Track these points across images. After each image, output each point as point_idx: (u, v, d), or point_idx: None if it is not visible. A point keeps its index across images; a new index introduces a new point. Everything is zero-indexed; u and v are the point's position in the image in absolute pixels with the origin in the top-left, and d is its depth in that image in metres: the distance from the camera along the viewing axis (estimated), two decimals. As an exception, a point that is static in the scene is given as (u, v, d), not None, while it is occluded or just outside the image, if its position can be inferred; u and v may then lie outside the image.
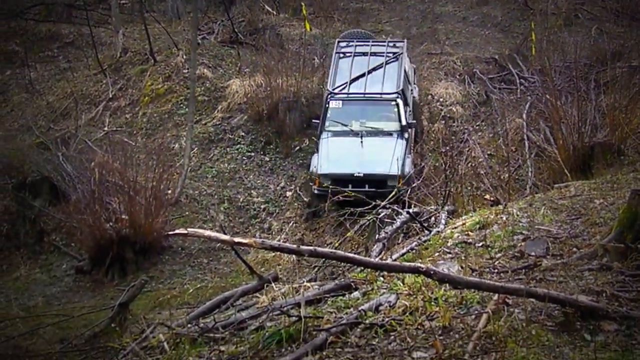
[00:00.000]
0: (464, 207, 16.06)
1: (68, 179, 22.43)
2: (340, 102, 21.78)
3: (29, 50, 32.22)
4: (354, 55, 23.41)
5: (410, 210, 14.78)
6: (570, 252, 9.85)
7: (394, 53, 23.37)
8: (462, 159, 22.19)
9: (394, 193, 16.89)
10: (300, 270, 14.49)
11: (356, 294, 9.23)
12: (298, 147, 25.14)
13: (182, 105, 27.13)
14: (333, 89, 22.33)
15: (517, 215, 11.80)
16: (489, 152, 23.36)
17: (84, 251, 21.07)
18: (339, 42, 24.62)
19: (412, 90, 24.09)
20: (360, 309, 8.36)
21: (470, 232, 11.56)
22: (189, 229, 7.47)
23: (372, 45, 24.06)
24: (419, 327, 7.86)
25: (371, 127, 21.28)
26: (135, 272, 19.66)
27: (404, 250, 12.00)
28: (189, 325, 9.16)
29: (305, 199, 22.31)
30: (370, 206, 15.49)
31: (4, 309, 18.44)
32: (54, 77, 31.42)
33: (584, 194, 12.70)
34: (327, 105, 21.83)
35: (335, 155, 20.75)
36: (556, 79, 23.23)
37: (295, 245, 8.26)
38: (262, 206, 23.19)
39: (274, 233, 21.71)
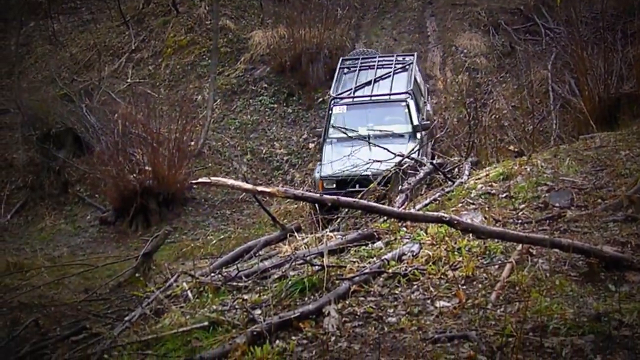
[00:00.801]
0: (488, 159, 15.99)
1: (92, 131, 22.53)
2: (345, 107, 19.83)
3: (52, 1, 32.18)
4: (359, 69, 21.80)
5: (434, 161, 14.73)
6: (595, 204, 9.80)
7: (403, 64, 21.86)
8: (486, 110, 22.04)
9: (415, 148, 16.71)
10: (322, 220, 14.51)
11: (379, 243, 9.23)
12: (321, 99, 25.07)
13: (204, 57, 27.06)
14: (337, 95, 20.68)
15: (542, 166, 11.73)
16: (513, 104, 23.19)
17: (108, 202, 21.19)
18: (343, 60, 22.84)
19: (425, 102, 22.18)
20: (383, 258, 8.35)
21: (493, 183, 11.52)
22: (212, 178, 7.47)
23: (379, 59, 22.51)
24: (442, 276, 7.85)
25: (380, 131, 19.12)
26: (158, 223, 19.76)
27: (427, 201, 11.97)
28: (213, 274, 9.19)
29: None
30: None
31: (30, 258, 18.57)
32: (77, 28, 31.39)
33: (609, 145, 12.60)
34: (330, 112, 19.93)
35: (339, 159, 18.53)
36: (582, 29, 22.94)
37: (318, 194, 8.25)
38: (285, 158, 23.20)
39: (296, 185, 21.72)
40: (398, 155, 15.17)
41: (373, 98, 19.90)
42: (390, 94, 19.88)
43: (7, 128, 24.24)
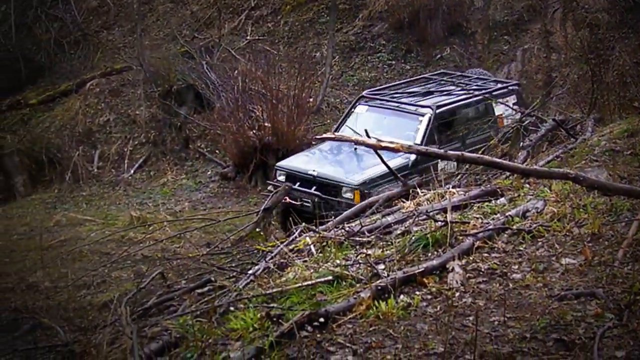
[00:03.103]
0: (611, 115, 15.65)
1: (212, 87, 22.80)
2: (366, 107, 17.73)
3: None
4: (439, 82, 19.05)
5: (556, 118, 14.51)
6: None
7: (487, 91, 17.87)
8: (608, 67, 21.52)
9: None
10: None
11: (502, 200, 9.17)
12: (439, 56, 24.89)
13: (323, 13, 27.03)
14: (372, 91, 19.05)
15: (668, 122, 11.47)
16: (636, 60, 22.59)
17: (228, 158, 21.48)
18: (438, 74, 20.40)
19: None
20: (507, 214, 8.31)
21: (617, 140, 11.29)
22: (335, 133, 7.50)
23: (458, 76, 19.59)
24: (567, 233, 7.78)
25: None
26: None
27: (549, 158, 11.84)
28: (335, 229, 9.27)
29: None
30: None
31: (152, 213, 19.00)
32: (198, -14, 31.71)
33: None
34: (352, 109, 18.00)
35: (315, 156, 17.47)
36: None
37: (442, 150, 8.22)
38: (403, 114, 23.10)
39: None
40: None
41: (399, 106, 17.35)
42: (415, 105, 17.14)
43: (129, 85, 24.65)
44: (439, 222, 8.15)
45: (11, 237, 17.95)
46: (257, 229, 13.70)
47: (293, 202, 15.85)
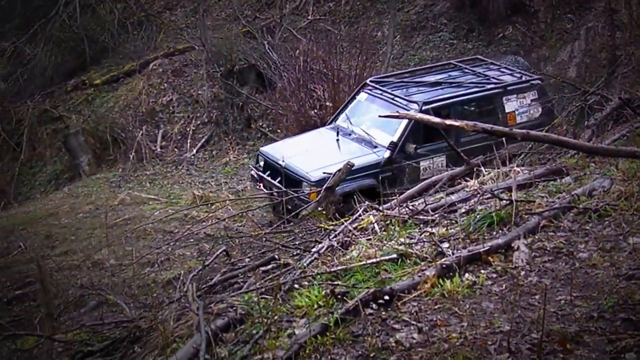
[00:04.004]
0: (679, 94, 15.43)
1: (274, 67, 22.86)
2: (367, 95, 16.95)
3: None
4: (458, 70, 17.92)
5: (622, 96, 14.32)
6: None
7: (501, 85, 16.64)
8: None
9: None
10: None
11: (568, 179, 9.10)
12: (501, 35, 24.64)
13: (384, -8, 26.94)
14: (377, 78, 17.97)
15: None
16: None
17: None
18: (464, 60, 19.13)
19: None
20: (572, 193, 8.25)
21: (687, 119, 11.15)
22: (400, 112, 7.48)
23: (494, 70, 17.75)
24: (634, 212, 7.70)
25: (360, 134, 16.21)
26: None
27: (615, 137, 11.73)
28: (399, 208, 9.27)
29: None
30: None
31: (215, 192, 19.13)
32: (259, -34, 31.76)
33: None
34: (355, 96, 17.36)
35: (299, 143, 17.16)
36: None
37: (507, 128, 8.18)
38: (465, 93, 22.97)
39: (477, 121, 21.49)
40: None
41: (393, 98, 16.23)
42: (407, 99, 16.03)
43: (192, 65, 24.77)
44: (504, 201, 8.12)
45: (77, 216, 18.17)
46: (319, 208, 13.69)
47: (264, 189, 16.01)
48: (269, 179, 15.90)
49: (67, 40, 26.36)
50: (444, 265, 7.03)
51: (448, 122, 7.94)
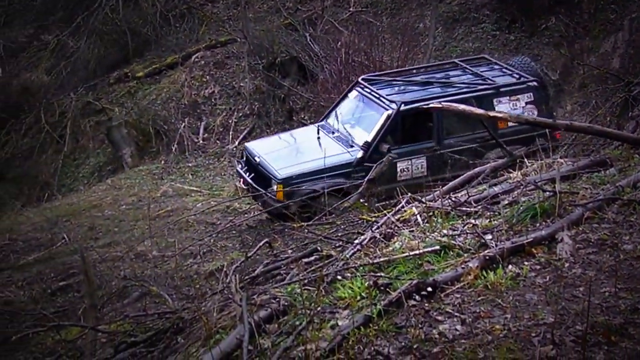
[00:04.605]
0: None
1: (315, 59, 22.90)
2: (356, 92, 16.54)
3: None
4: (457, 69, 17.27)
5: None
6: None
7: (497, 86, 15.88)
8: None
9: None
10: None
11: (612, 170, 9.03)
12: (544, 26, 24.45)
13: (426, -16, 26.84)
14: (369, 76, 17.44)
15: None
16: None
17: (331, 129, 21.51)
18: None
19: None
20: (617, 184, 8.18)
21: None
22: (443, 103, 7.47)
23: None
24: (680, 203, 7.64)
25: (342, 132, 15.90)
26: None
27: (661, 128, 11.60)
28: (441, 199, 9.24)
29: (553, 78, 21.73)
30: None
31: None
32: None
33: None
34: (347, 93, 16.91)
35: (280, 140, 17.20)
36: None
37: (551, 119, 8.13)
38: (508, 84, 22.84)
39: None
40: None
41: (374, 95, 15.96)
42: (386, 99, 15.62)
43: (234, 57, 24.85)
44: (548, 192, 8.07)
45: (120, 208, 18.31)
46: (361, 200, 13.69)
47: (244, 185, 15.99)
48: (244, 175, 15.91)
49: (110, 33, 26.58)
50: (487, 257, 7.01)
51: (492, 113, 7.92)
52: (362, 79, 16.74)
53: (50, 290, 14.53)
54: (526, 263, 7.02)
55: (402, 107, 15.23)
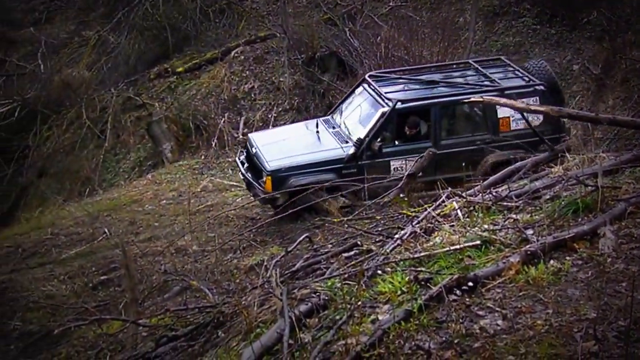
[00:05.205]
0: None
1: (355, 54, 22.83)
2: (362, 89, 16.38)
3: None
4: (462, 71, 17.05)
5: None
6: None
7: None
8: None
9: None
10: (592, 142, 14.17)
11: (656, 164, 8.95)
12: (586, 19, 24.25)
13: (466, -22, 26.71)
14: (377, 73, 17.42)
15: None
16: None
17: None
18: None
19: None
20: (661, 179, 8.12)
21: None
22: (484, 97, 7.44)
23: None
24: None
25: (342, 128, 15.93)
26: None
27: None
28: (482, 194, 9.21)
29: (594, 72, 21.57)
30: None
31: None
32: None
33: None
34: (354, 90, 16.82)
35: (282, 132, 17.61)
36: None
37: (593, 113, 8.07)
38: (549, 80, 22.69)
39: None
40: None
41: (375, 91, 15.85)
42: (384, 96, 15.43)
43: (273, 52, 24.87)
44: (590, 187, 8.01)
45: (160, 202, 18.40)
46: (401, 195, 13.66)
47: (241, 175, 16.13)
48: (240, 165, 16.11)
49: (150, 28, 26.69)
50: (529, 252, 6.98)
51: (533, 107, 7.86)
52: (369, 76, 16.63)
53: (91, 284, 14.65)
54: (568, 258, 6.98)
55: (398, 106, 15.14)
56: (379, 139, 15.03)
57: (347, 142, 15.31)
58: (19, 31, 29.38)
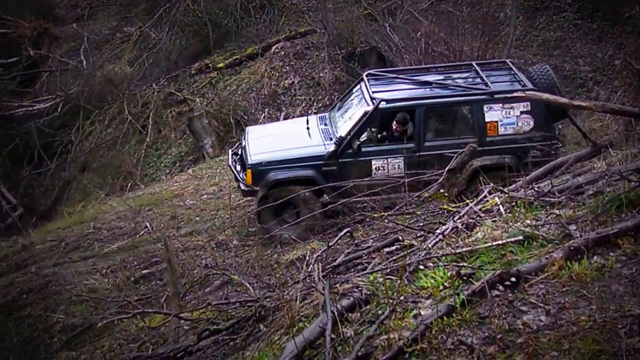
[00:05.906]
0: None
1: (395, 49, 22.81)
2: (359, 86, 16.14)
3: None
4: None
5: None
6: None
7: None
8: None
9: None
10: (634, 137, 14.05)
11: (702, 159, 8.88)
12: (628, 14, 24.07)
13: (506, -27, 26.58)
14: (375, 71, 17.24)
15: None
16: None
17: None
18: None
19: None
20: None
21: None
22: (527, 92, 7.41)
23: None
24: None
25: (332, 125, 15.89)
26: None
27: None
28: (524, 189, 9.18)
29: (636, 67, 21.38)
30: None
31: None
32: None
33: None
34: (353, 88, 16.67)
35: (275, 127, 18.00)
36: None
37: (636, 109, 8.02)
38: (589, 75, 22.56)
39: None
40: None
41: (362, 89, 15.79)
42: (373, 97, 15.16)
43: (314, 48, 24.89)
44: (633, 183, 7.95)
45: (201, 197, 18.47)
46: (441, 190, 13.64)
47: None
48: (230, 157, 16.27)
49: (191, 24, 26.80)
50: (572, 248, 6.94)
51: (576, 102, 7.83)
52: (367, 74, 16.45)
53: (133, 278, 14.79)
54: (612, 254, 6.94)
55: (382, 105, 15.02)
56: (361, 138, 15.03)
57: (331, 139, 15.32)
58: (62, 27, 29.68)
